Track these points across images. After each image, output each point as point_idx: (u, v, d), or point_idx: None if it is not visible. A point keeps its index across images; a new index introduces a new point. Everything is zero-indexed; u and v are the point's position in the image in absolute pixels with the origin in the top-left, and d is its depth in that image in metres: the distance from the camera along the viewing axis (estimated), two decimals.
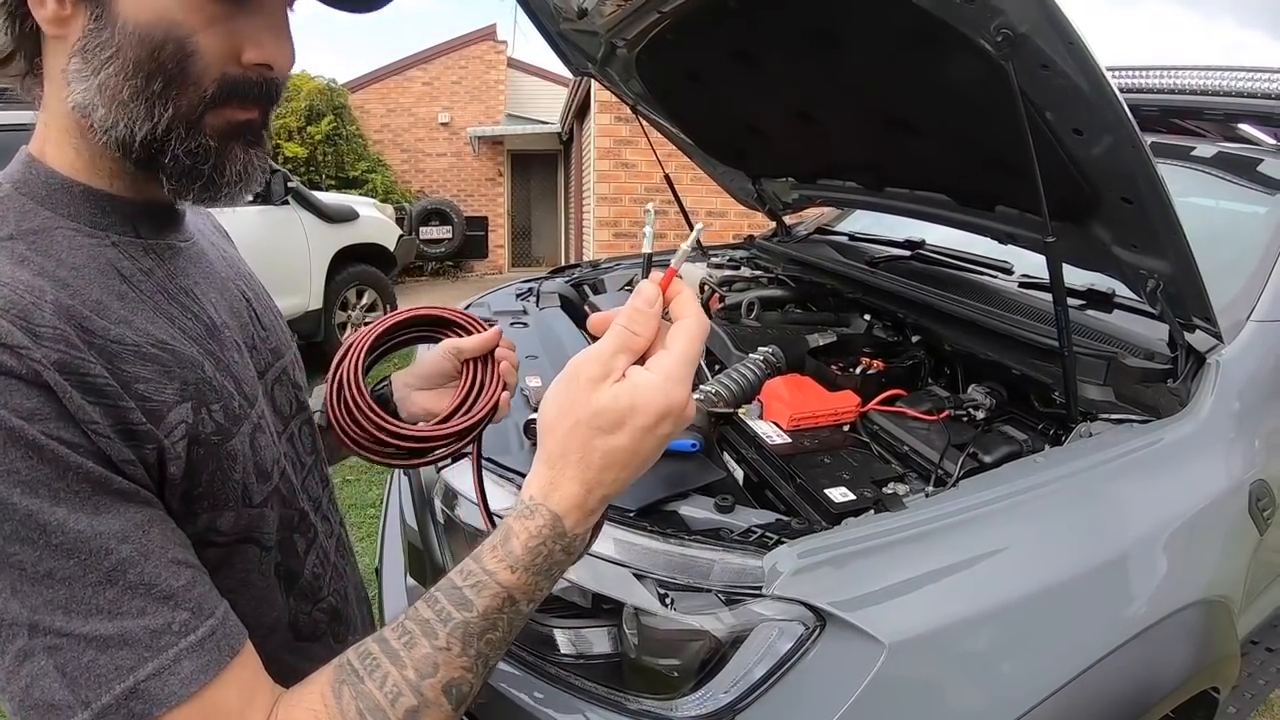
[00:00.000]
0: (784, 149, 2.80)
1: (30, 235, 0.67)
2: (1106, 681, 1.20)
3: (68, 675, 0.56)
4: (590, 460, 0.65)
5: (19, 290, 0.61)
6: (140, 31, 0.66)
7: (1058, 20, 1.16)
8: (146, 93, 0.67)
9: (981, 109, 1.53)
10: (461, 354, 1.09)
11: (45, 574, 0.56)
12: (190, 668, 0.59)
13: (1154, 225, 1.46)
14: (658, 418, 0.64)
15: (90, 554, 0.57)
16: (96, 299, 0.66)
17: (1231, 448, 1.57)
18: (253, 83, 0.72)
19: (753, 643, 1.06)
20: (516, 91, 15.89)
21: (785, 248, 3.07)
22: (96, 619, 0.57)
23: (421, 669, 0.63)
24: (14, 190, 0.70)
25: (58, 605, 0.56)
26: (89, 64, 0.67)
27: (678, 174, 3.62)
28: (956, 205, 2.22)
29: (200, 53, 0.68)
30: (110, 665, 0.57)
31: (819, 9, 1.67)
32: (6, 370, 0.56)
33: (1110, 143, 1.38)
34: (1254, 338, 1.73)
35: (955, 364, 1.95)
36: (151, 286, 0.74)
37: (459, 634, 0.63)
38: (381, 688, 0.62)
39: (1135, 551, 1.33)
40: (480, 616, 0.64)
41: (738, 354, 1.89)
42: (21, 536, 0.55)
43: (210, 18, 0.67)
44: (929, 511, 1.20)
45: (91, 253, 0.70)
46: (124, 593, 0.58)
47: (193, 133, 0.70)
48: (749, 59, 2.16)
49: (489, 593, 0.64)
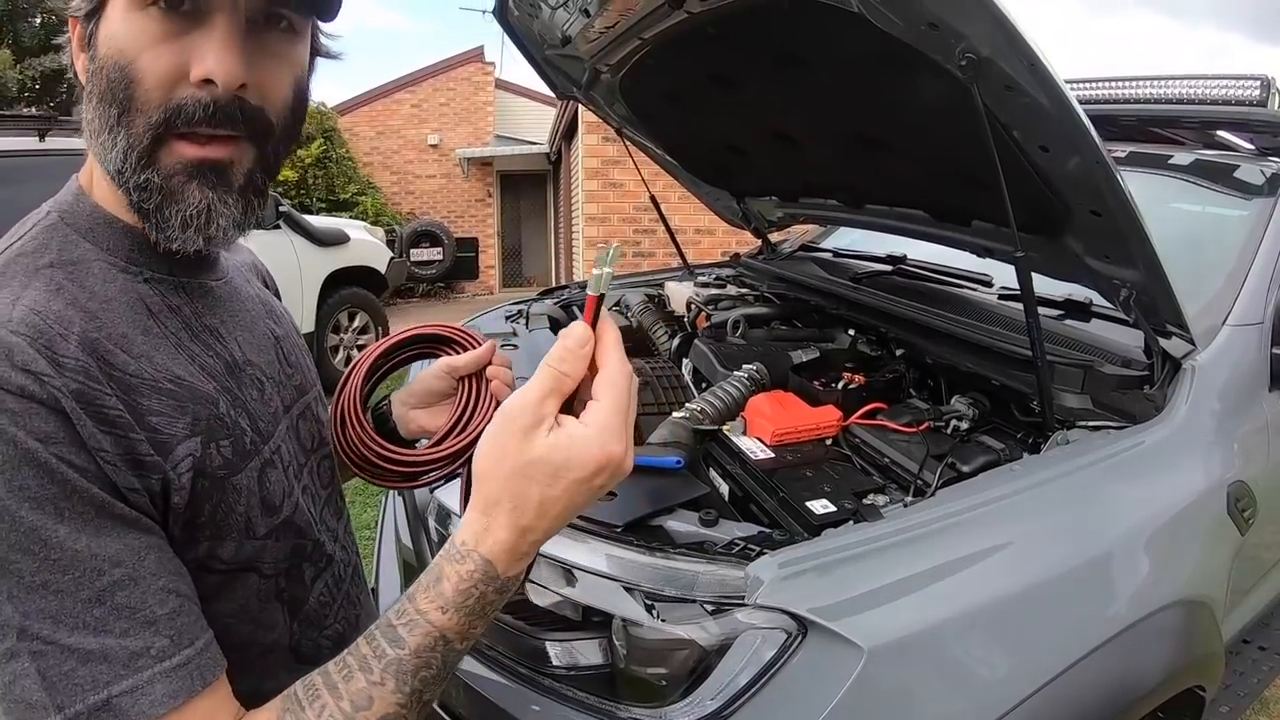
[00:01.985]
0: (766, 169, 2.85)
1: (69, 265, 0.71)
2: (1086, 681, 1.22)
3: (47, 680, 0.59)
4: (524, 508, 0.65)
5: (49, 320, 0.65)
6: (104, 66, 0.70)
7: (1019, 43, 1.21)
8: (108, 122, 0.70)
9: (952, 128, 1.58)
10: (456, 371, 1.09)
11: (40, 584, 0.60)
12: (161, 691, 0.62)
13: (1123, 236, 1.50)
14: (594, 471, 0.64)
15: (85, 572, 0.61)
16: (122, 332, 0.70)
17: (1208, 451, 1.60)
18: (199, 102, 0.70)
19: (737, 651, 1.09)
20: (505, 112, 15.95)
21: (770, 265, 3.11)
22: (81, 633, 0.60)
23: (356, 702, 0.64)
24: (60, 220, 0.75)
25: (48, 615, 0.60)
26: (86, 104, 0.72)
27: (665, 193, 3.66)
28: (934, 221, 2.27)
29: (141, 77, 0.69)
30: (88, 677, 0.60)
31: (793, 35, 1.72)
32: (29, 394, 0.61)
33: (1076, 158, 1.42)
34: (1229, 342, 1.77)
35: (938, 376, 1.98)
36: (177, 324, 0.77)
37: (392, 670, 0.65)
38: (319, 717, 0.64)
39: (1111, 554, 1.36)
40: (412, 654, 0.65)
41: (723, 371, 1.92)
42: (24, 547, 0.59)
43: (151, 40, 0.69)
44: (907, 520, 1.23)
45: (123, 287, 0.73)
46: (111, 612, 0.61)
47: (143, 166, 0.71)
48: (729, 83, 2.21)
49: (420, 631, 0.66)
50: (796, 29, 1.67)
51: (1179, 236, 2.31)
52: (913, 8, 1.29)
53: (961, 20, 1.25)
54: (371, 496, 4.30)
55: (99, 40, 0.71)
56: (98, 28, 0.71)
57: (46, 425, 0.61)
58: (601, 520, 1.33)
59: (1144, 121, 2.71)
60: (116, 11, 0.70)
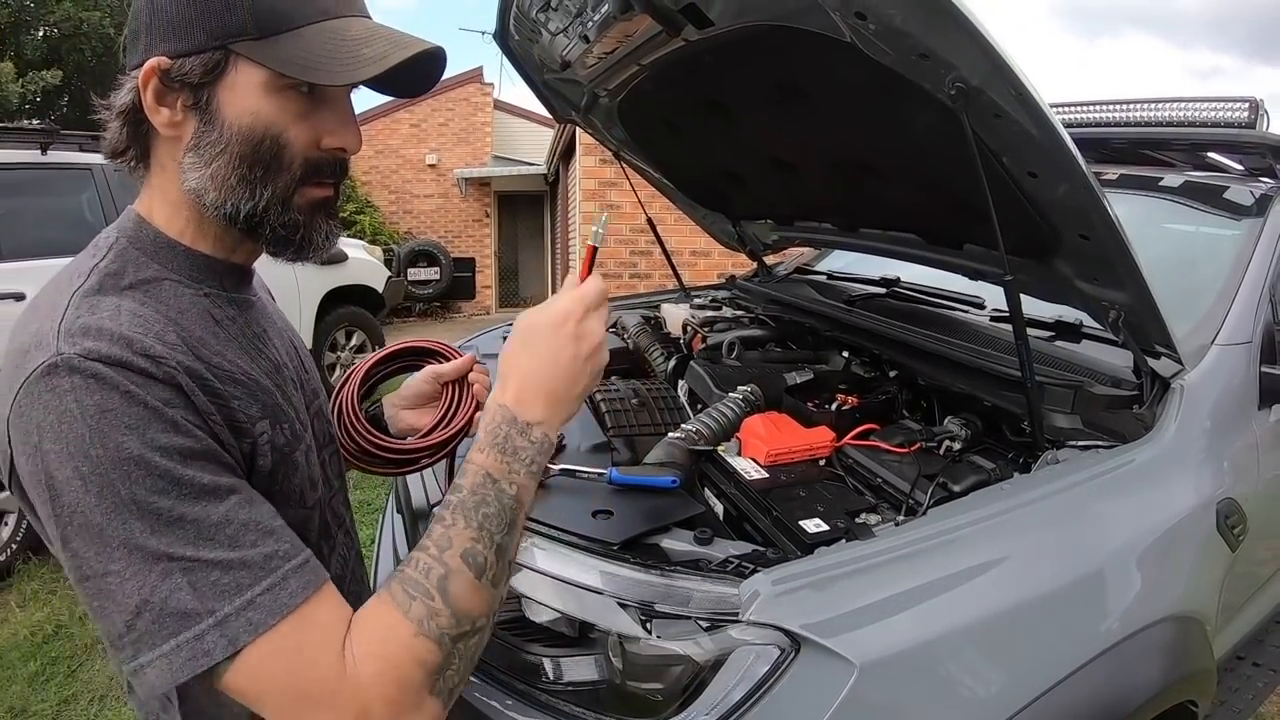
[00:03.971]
0: (761, 193, 2.88)
1: (144, 284, 0.85)
2: (1077, 696, 1.24)
3: (198, 590, 0.71)
4: (519, 363, 0.91)
5: (149, 320, 0.80)
6: (244, 132, 0.85)
7: (1007, 73, 1.24)
8: (250, 178, 0.86)
9: (943, 155, 1.61)
10: (440, 378, 1.35)
11: (178, 516, 0.72)
12: (295, 585, 0.75)
13: (1111, 259, 1.53)
14: (559, 321, 0.92)
15: (212, 500, 0.74)
16: (199, 335, 0.85)
17: (1198, 468, 1.63)
18: (329, 163, 0.91)
19: (731, 666, 1.10)
20: (503, 133, 16.02)
21: (766, 288, 3.14)
22: (220, 548, 0.73)
23: (440, 545, 0.81)
24: (129, 244, 0.89)
25: (188, 539, 0.72)
26: (201, 158, 0.86)
27: (661, 214, 3.68)
28: (926, 244, 2.30)
29: (290, 144, 0.87)
30: (232, 582, 0.72)
31: (788, 63, 1.75)
32: (148, 374, 0.75)
33: (1063, 184, 1.45)
34: (1218, 361, 1.80)
35: (931, 397, 2.00)
36: (235, 330, 0.94)
37: (459, 512, 0.83)
38: (415, 569, 0.79)
39: (1101, 570, 1.37)
40: (469, 493, 0.84)
41: (718, 393, 1.94)
42: (159, 489, 0.71)
43: (296, 115, 0.87)
44: (898, 539, 1.25)
45: (191, 300, 0.89)
46: (240, 529, 0.74)
47: (285, 209, 0.90)
48: (725, 109, 2.25)
49: (470, 472, 0.85)
50: (791, 58, 1.70)
51: (1169, 257, 2.34)
52: (904, 39, 1.32)
53: (951, 51, 1.28)
54: (368, 515, 4.31)
55: (226, 108, 0.84)
56: (216, 94, 0.84)
57: (166, 394, 0.75)
58: (598, 538, 1.35)
59: (1135, 144, 2.75)
60: (251, 86, 0.84)
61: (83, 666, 3.27)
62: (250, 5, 0.82)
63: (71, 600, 3.74)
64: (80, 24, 12.14)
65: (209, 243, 0.92)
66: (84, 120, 12.58)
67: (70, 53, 12.46)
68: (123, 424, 0.71)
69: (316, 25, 0.85)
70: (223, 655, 0.70)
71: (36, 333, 0.76)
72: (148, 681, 0.70)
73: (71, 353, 0.72)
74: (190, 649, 0.70)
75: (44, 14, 12.24)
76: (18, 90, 10.96)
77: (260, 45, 0.83)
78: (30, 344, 0.75)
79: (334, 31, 0.86)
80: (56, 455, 0.71)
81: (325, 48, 0.84)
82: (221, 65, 0.83)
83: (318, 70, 0.84)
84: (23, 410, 0.72)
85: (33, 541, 4.10)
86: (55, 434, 0.71)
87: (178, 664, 0.70)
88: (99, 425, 0.71)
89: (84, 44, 12.46)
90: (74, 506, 0.70)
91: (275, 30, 0.83)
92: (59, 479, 0.71)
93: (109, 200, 4.77)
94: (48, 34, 12.57)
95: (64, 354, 0.72)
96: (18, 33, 12.20)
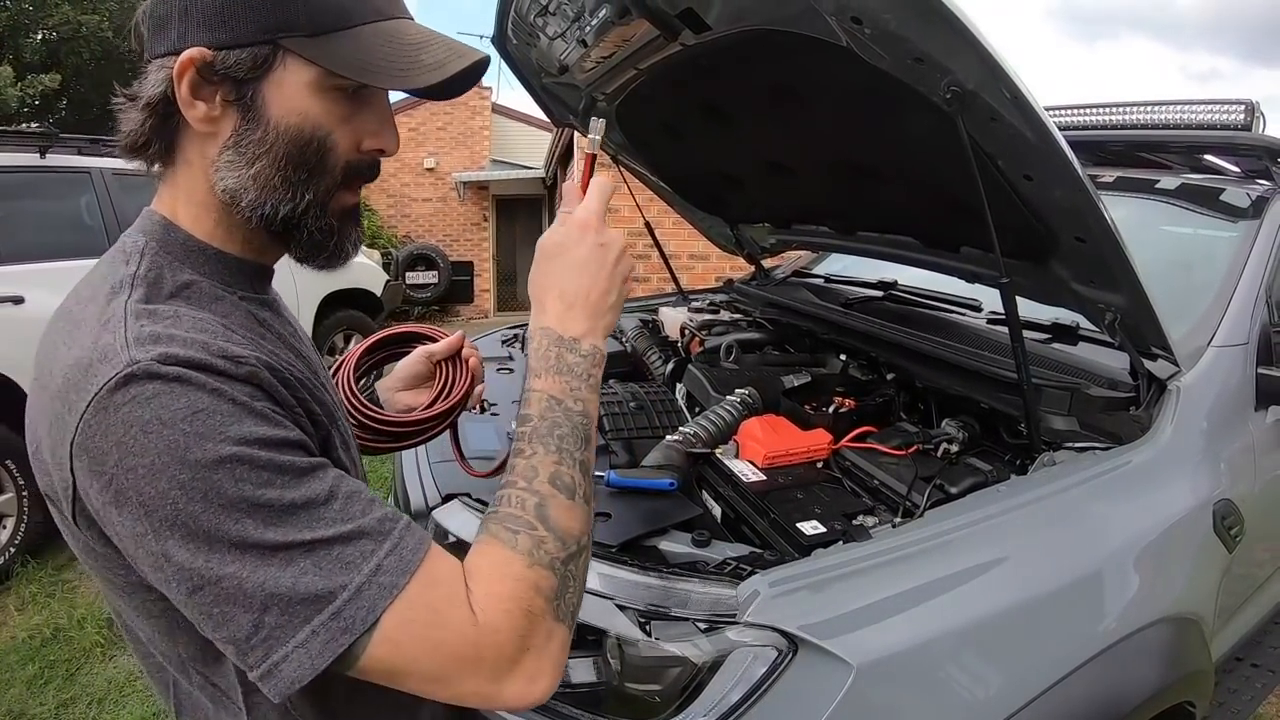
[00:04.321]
0: (759, 196, 2.89)
1: (185, 288, 0.82)
2: (1074, 695, 1.25)
3: (323, 570, 0.69)
4: (550, 283, 0.92)
5: (208, 322, 0.77)
6: (291, 132, 0.81)
7: (1002, 77, 1.24)
8: (294, 180, 0.82)
9: (939, 158, 1.61)
10: (433, 356, 1.36)
11: (289, 504, 0.70)
12: (412, 542, 0.74)
13: (1107, 262, 1.53)
14: (579, 235, 0.93)
15: (316, 481, 0.72)
16: (251, 337, 0.81)
17: (1194, 470, 1.63)
18: (368, 166, 0.89)
19: (729, 667, 1.11)
20: (501, 137, 16.00)
21: (763, 291, 3.15)
22: (335, 525, 0.71)
23: (526, 476, 0.81)
24: (160, 249, 0.84)
25: (304, 524, 0.70)
26: (242, 156, 0.81)
27: (659, 218, 3.69)
28: (924, 247, 2.31)
29: (336, 147, 0.84)
30: (355, 553, 0.71)
31: (785, 67, 1.76)
32: (228, 373, 0.72)
33: (1059, 186, 1.45)
34: (1215, 362, 1.80)
35: (928, 400, 2.01)
36: (276, 331, 0.90)
37: (534, 441, 0.83)
38: (510, 505, 0.80)
39: (1097, 571, 1.38)
40: (538, 418, 0.85)
41: (716, 396, 1.95)
42: (266, 480, 0.69)
43: (342, 117, 0.83)
44: (895, 540, 1.26)
45: (231, 304, 0.85)
46: (347, 500, 0.73)
47: (323, 213, 0.86)
48: (722, 112, 2.26)
49: (534, 400, 0.86)
50: (788, 62, 1.71)
51: (1166, 259, 2.35)
52: (899, 43, 1.33)
53: (946, 55, 1.29)
54: None
55: (272, 106, 0.80)
56: (262, 92, 0.80)
57: (249, 389, 0.73)
58: (597, 540, 1.35)
59: (1132, 147, 2.76)
60: (299, 85, 0.80)
61: (81, 670, 3.26)
62: (304, 1, 0.78)
63: (70, 604, 3.74)
64: (79, 27, 12.13)
65: (238, 244, 0.88)
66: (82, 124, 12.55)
67: (69, 56, 12.45)
68: (217, 423, 0.69)
69: (371, 26, 0.82)
70: (363, 627, 0.69)
71: (95, 347, 0.71)
72: (285, 678, 0.68)
73: (148, 359, 0.69)
74: (328, 629, 0.68)
75: (42, 17, 12.22)
76: (16, 93, 10.95)
77: (313, 43, 0.79)
78: (91, 358, 0.71)
79: (390, 34, 0.83)
80: (147, 469, 0.66)
81: (382, 49, 0.81)
82: (269, 60, 0.79)
83: (376, 73, 0.81)
84: (95, 429, 0.68)
85: (31, 545, 4.11)
86: (141, 446, 0.67)
87: (316, 648, 0.68)
88: (193, 428, 0.68)
89: (83, 47, 12.45)
90: (174, 518, 0.67)
91: (329, 29, 0.79)
92: (152, 493, 0.67)
93: (107, 204, 4.77)
94: (46, 37, 12.56)
95: (139, 361, 0.68)
96: (16, 36, 12.19)
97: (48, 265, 4.31)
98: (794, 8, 1.45)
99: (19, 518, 4.06)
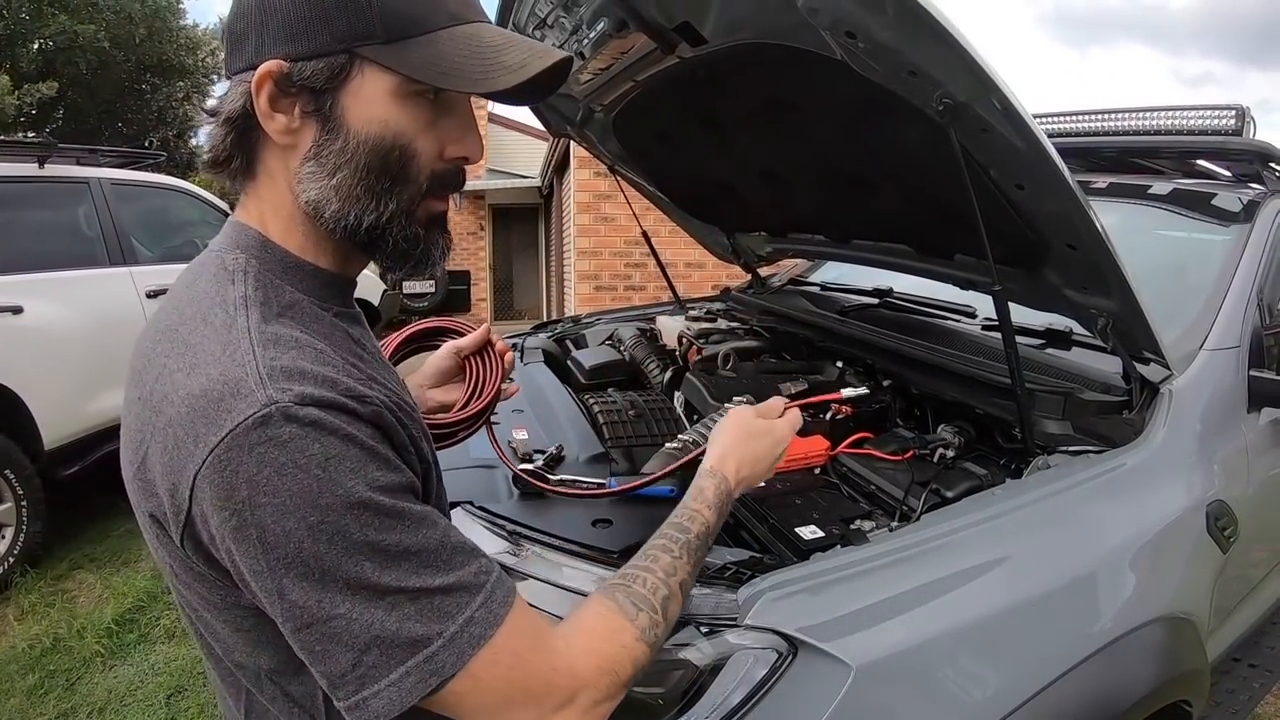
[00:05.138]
0: (755, 205, 2.91)
1: (291, 309, 0.82)
2: (1069, 696, 1.26)
3: (424, 617, 0.73)
4: (743, 450, 1.18)
5: (330, 355, 0.79)
6: (371, 141, 0.80)
7: (993, 89, 1.26)
8: (377, 189, 0.82)
9: (933, 168, 1.63)
10: (461, 352, 1.39)
11: (404, 550, 0.73)
12: (501, 595, 0.78)
13: (1098, 268, 1.55)
14: (779, 440, 1.24)
15: (428, 529, 0.75)
16: (351, 362, 0.82)
17: (1188, 472, 1.65)
18: (453, 174, 0.88)
19: (730, 670, 1.12)
20: (497, 146, 16.03)
21: (760, 299, 3.16)
22: (439, 574, 0.75)
23: (668, 570, 0.95)
24: (260, 267, 0.84)
25: (413, 571, 0.73)
26: (323, 167, 0.81)
27: (656, 227, 3.70)
28: (918, 255, 2.33)
29: (419, 154, 0.83)
30: (452, 604, 0.74)
31: (780, 79, 1.78)
32: (356, 414, 0.74)
33: (1050, 195, 1.47)
34: (1207, 365, 1.82)
35: (924, 406, 2.03)
36: (370, 350, 0.92)
37: (686, 549, 1.00)
38: (644, 587, 0.92)
39: (1091, 572, 1.40)
40: (696, 537, 1.02)
41: (714, 404, 1.96)
42: (388, 526, 0.72)
43: (424, 124, 0.83)
44: (892, 544, 1.27)
45: (330, 323, 0.86)
46: (452, 553, 0.77)
47: (409, 222, 0.86)
48: (719, 123, 2.28)
49: (699, 522, 1.04)
50: (783, 74, 1.73)
51: (1160, 263, 2.37)
52: (892, 56, 1.35)
53: (938, 68, 1.31)
54: None
55: (351, 115, 0.80)
56: (341, 101, 0.80)
57: (373, 431, 0.76)
58: (598, 546, 1.37)
59: (1125, 153, 2.78)
60: (378, 93, 0.80)
61: (81, 679, 3.27)
62: (379, 8, 0.77)
63: (69, 613, 3.75)
64: (75, 37, 12.17)
65: (327, 257, 0.88)
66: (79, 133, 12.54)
67: (65, 65, 12.48)
68: (347, 469, 0.71)
69: (448, 30, 0.81)
70: (452, 671, 0.73)
71: (226, 378, 0.72)
72: (372, 711, 0.72)
73: (286, 400, 0.70)
74: (420, 671, 0.72)
75: (40, 27, 12.25)
76: (14, 102, 10.96)
77: (390, 50, 0.78)
78: (223, 390, 0.71)
79: (469, 37, 0.82)
80: (276, 508, 0.68)
81: (461, 53, 0.80)
82: (346, 70, 0.79)
83: (457, 77, 0.79)
84: (226, 465, 0.68)
85: (30, 554, 4.12)
86: (275, 487, 0.68)
87: (407, 687, 0.72)
88: (326, 473, 0.69)
89: (79, 57, 12.48)
90: (295, 558, 0.69)
91: (405, 35, 0.79)
92: (277, 532, 0.68)
93: (106, 214, 4.79)
94: (43, 46, 12.58)
95: (277, 402, 0.69)
96: (13, 45, 12.22)
97: (46, 275, 4.34)
98: (788, 22, 1.47)
99: (18, 527, 4.06)
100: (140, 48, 13.24)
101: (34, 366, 4.11)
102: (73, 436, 4.36)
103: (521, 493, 1.62)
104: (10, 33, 12.16)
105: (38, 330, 4.15)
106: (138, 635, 3.58)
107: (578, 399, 2.27)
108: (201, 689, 3.13)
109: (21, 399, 4.02)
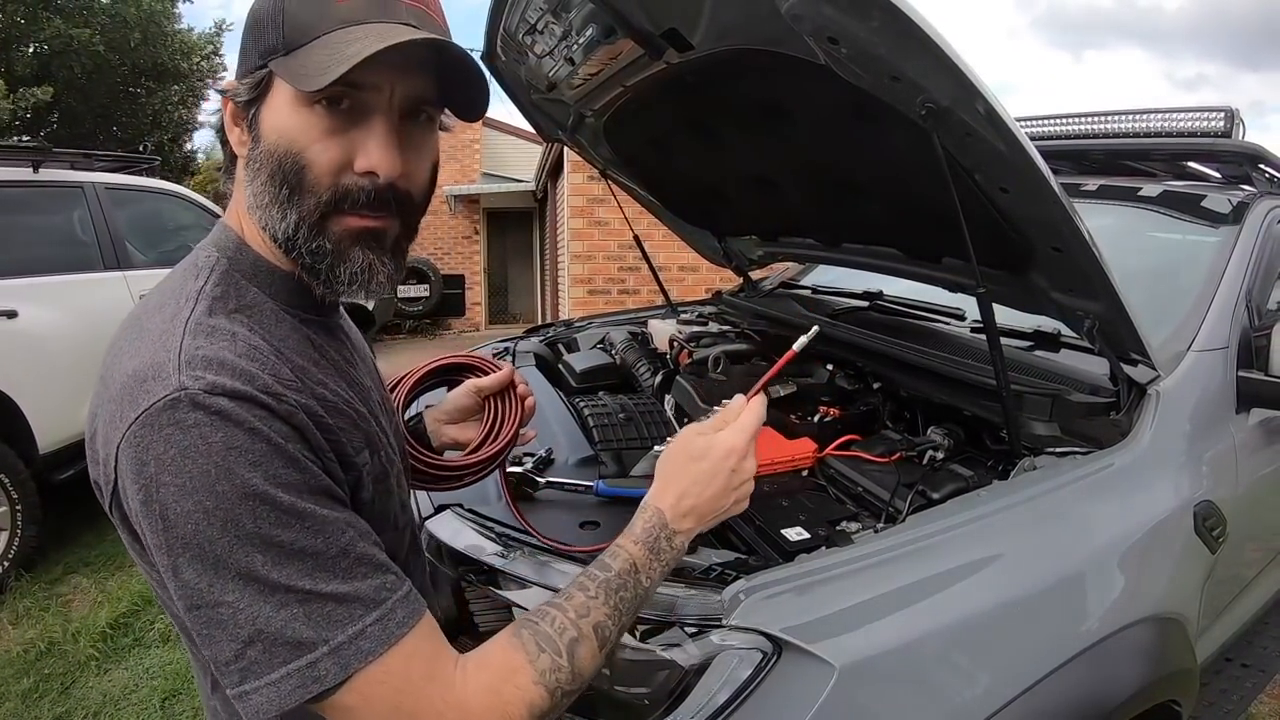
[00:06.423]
0: (746, 209, 2.92)
1: (249, 309, 0.86)
2: (1056, 693, 1.27)
3: (313, 621, 0.73)
4: (681, 477, 1.01)
5: (265, 353, 0.81)
6: (272, 149, 0.84)
7: (975, 94, 1.27)
8: (280, 198, 0.84)
9: (918, 172, 1.64)
10: (482, 391, 1.38)
11: (299, 550, 0.74)
12: (401, 615, 0.78)
13: (1084, 271, 1.56)
14: (724, 454, 1.02)
15: (331, 534, 0.76)
16: (303, 365, 0.86)
17: (1175, 472, 1.66)
18: (362, 189, 0.85)
19: (715, 670, 1.12)
20: (492, 150, 16.03)
21: (751, 302, 3.18)
22: (336, 581, 0.75)
23: (579, 611, 0.88)
24: (230, 267, 0.89)
25: (307, 572, 0.74)
26: (249, 175, 0.87)
27: (649, 231, 3.71)
28: (907, 258, 2.34)
29: (311, 164, 0.83)
30: (345, 614, 0.74)
31: (767, 85, 1.79)
32: (270, 409, 0.76)
33: (1034, 198, 1.48)
34: (1195, 367, 1.83)
35: (914, 408, 2.04)
36: (332, 356, 0.94)
37: (603, 588, 0.91)
38: (552, 626, 0.86)
39: (1078, 572, 1.41)
40: (616, 575, 0.92)
41: (704, 407, 1.97)
42: (283, 523, 0.73)
43: (321, 133, 0.83)
44: (877, 545, 1.28)
45: (292, 326, 0.89)
46: (355, 562, 0.77)
47: (315, 234, 0.85)
48: (708, 128, 2.29)
49: (622, 558, 0.94)
50: (771, 80, 1.74)
51: (1150, 265, 2.38)
52: (875, 62, 1.36)
53: (920, 73, 1.32)
54: None
55: (263, 125, 0.85)
56: (260, 112, 0.85)
57: (286, 430, 0.77)
58: (586, 548, 1.38)
59: (1115, 155, 2.80)
60: (282, 103, 0.84)
61: (76, 683, 3.27)
62: (286, 21, 0.82)
63: (64, 617, 3.74)
64: (70, 41, 12.13)
65: (289, 263, 0.90)
66: (74, 137, 12.51)
67: (60, 69, 12.46)
68: (248, 460, 0.72)
69: (336, 33, 0.81)
70: (333, 683, 0.73)
71: (152, 362, 0.76)
72: (252, 706, 0.73)
73: (196, 388, 0.73)
74: (301, 676, 0.72)
75: (34, 30, 12.23)
76: (9, 106, 10.95)
77: (284, 60, 0.82)
78: (147, 373, 0.75)
79: (352, 38, 0.80)
80: (177, 489, 0.71)
81: (327, 53, 0.79)
82: (266, 83, 0.84)
83: (304, 77, 0.79)
84: (139, 441, 0.72)
85: (25, 558, 4.12)
86: (177, 468, 0.71)
87: (286, 690, 0.72)
88: (225, 461, 0.71)
89: (74, 61, 12.44)
90: (191, 539, 0.71)
91: (298, 44, 0.82)
92: (177, 511, 0.71)
93: (100, 219, 4.79)
94: (38, 50, 12.56)
95: (187, 388, 0.73)
96: (8, 48, 12.20)
97: (41, 280, 4.35)
98: (774, 28, 1.48)
99: (12, 531, 4.06)
100: (135, 52, 13.20)
101: (28, 371, 4.12)
102: (67, 441, 4.36)
103: None
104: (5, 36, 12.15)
105: (32, 335, 4.16)
106: (132, 639, 3.58)
107: (568, 402, 2.28)
108: (197, 693, 3.13)
109: (16, 403, 4.02)
